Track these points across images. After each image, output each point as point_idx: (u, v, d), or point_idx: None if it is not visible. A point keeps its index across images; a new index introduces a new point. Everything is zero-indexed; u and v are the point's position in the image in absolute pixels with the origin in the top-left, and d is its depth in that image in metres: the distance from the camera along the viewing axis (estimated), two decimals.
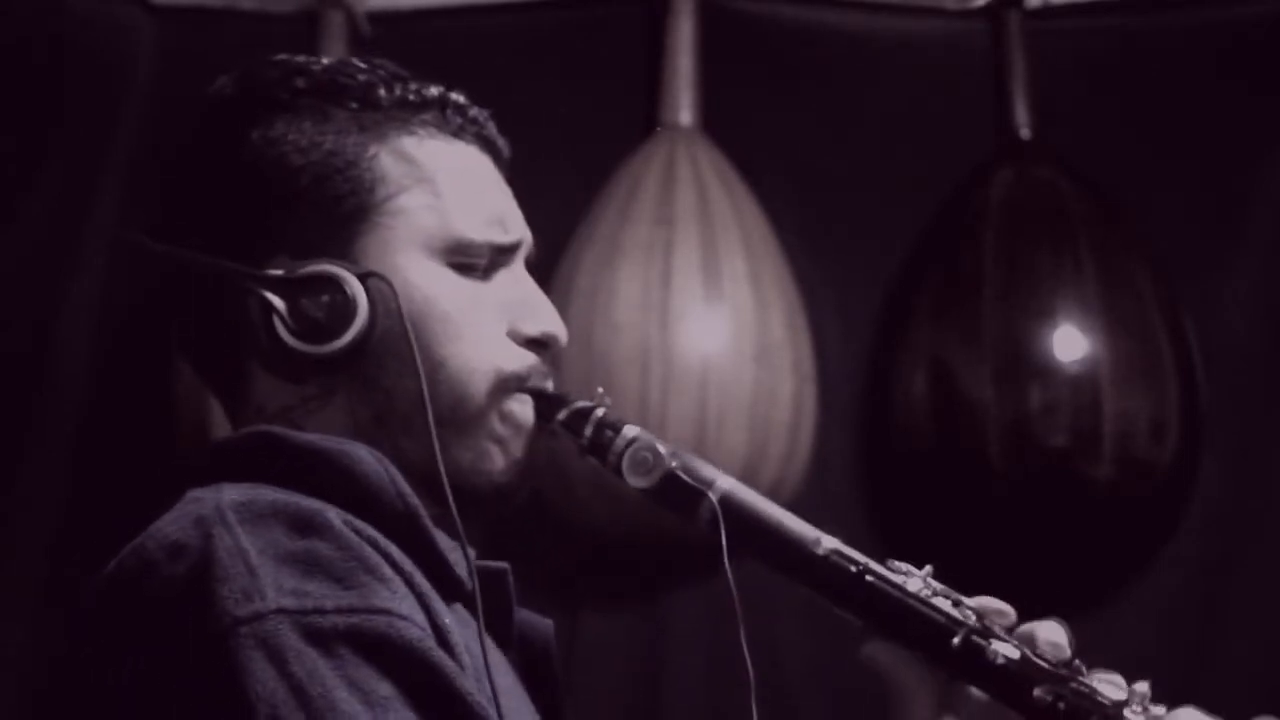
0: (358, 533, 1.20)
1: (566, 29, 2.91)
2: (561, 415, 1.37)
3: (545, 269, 2.73)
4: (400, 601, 1.17)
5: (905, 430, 2.79)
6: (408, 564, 1.21)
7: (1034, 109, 2.84)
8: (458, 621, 1.24)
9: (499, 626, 1.34)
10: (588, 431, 1.37)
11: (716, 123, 2.81)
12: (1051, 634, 1.28)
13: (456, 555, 1.29)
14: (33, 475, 2.77)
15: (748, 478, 2.73)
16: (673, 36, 2.82)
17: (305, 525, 1.19)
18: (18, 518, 2.77)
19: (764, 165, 2.83)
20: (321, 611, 1.14)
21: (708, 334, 2.66)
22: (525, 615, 1.41)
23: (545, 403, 1.38)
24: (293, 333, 1.31)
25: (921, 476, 2.79)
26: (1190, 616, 2.82)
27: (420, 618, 1.18)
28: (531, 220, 3.09)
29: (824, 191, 2.89)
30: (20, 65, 2.78)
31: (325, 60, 1.40)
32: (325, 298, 1.31)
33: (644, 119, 2.84)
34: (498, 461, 1.36)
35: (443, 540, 1.28)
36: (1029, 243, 2.77)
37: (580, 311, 2.67)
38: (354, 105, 1.37)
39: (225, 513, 1.19)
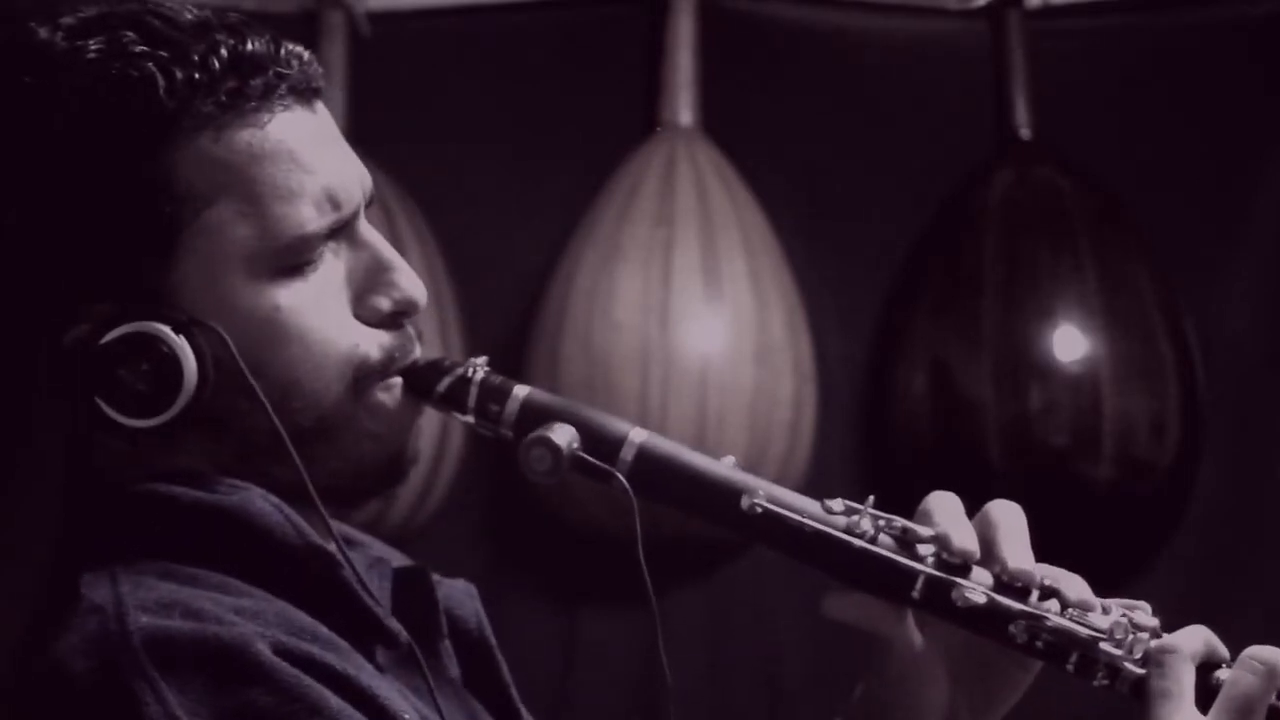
0: (290, 654, 1.08)
1: (566, 29, 2.91)
2: (441, 387, 1.23)
3: (545, 269, 2.76)
4: None
5: (905, 430, 2.79)
6: (351, 660, 1.12)
7: (1034, 109, 2.84)
8: (396, 661, 1.18)
9: (427, 625, 1.26)
10: (471, 403, 1.23)
11: (716, 123, 2.81)
12: (1020, 560, 1.21)
13: (372, 572, 1.21)
14: (31, 475, 2.77)
15: None
16: (673, 36, 2.82)
17: (234, 670, 1.07)
18: (16, 518, 2.77)
19: (764, 165, 2.83)
20: None
21: (708, 334, 2.66)
22: (446, 589, 1.31)
23: (418, 377, 1.23)
24: (117, 408, 1.16)
25: (921, 476, 2.79)
26: (1190, 616, 2.81)
27: None
28: (532, 220, 3.09)
29: (824, 192, 2.89)
30: (16, 65, 2.77)
31: (90, 44, 1.16)
32: (144, 365, 1.15)
33: (644, 119, 2.83)
34: (377, 457, 1.22)
35: (359, 565, 1.19)
36: (1029, 243, 2.77)
37: (580, 311, 2.67)
38: (134, 109, 1.15)
39: (139, 657, 1.07)
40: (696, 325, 2.66)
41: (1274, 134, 2.88)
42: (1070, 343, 2.69)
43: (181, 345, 1.16)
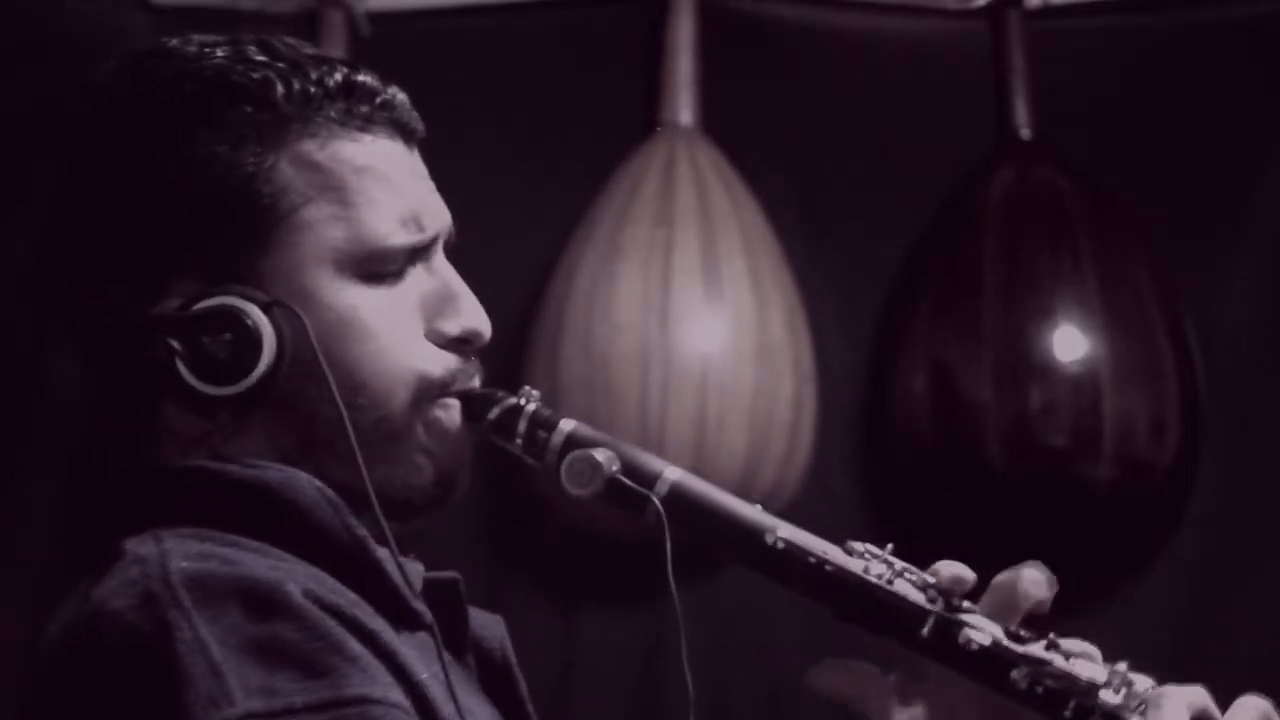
0: (319, 601, 1.13)
1: (566, 29, 2.91)
2: (492, 415, 1.30)
3: (545, 269, 2.76)
4: (373, 684, 1.11)
5: (905, 430, 2.79)
6: (376, 621, 1.16)
7: (1034, 109, 2.84)
8: (417, 646, 1.20)
9: (454, 637, 1.30)
10: (521, 429, 1.30)
11: (716, 123, 2.81)
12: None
13: (401, 577, 1.24)
14: (31, 475, 2.77)
15: (747, 478, 2.75)
16: (673, 36, 2.82)
17: (265, 605, 1.12)
18: (16, 518, 2.77)
19: (764, 165, 2.83)
20: (292, 711, 1.08)
21: (708, 334, 2.66)
22: (475, 615, 1.35)
23: (473, 403, 1.31)
24: (196, 374, 1.23)
25: (921, 476, 2.79)
26: (1190, 616, 2.82)
27: (396, 693, 1.12)
28: (532, 220, 3.10)
29: (824, 191, 2.89)
30: (19, 66, 2.78)
31: (218, 51, 1.29)
32: (227, 335, 1.23)
33: (644, 119, 2.84)
34: (428, 473, 1.29)
35: (390, 563, 1.23)
36: (1029, 243, 2.77)
37: (580, 311, 2.67)
38: (249, 109, 1.26)
39: (178, 592, 1.12)
40: (696, 325, 2.66)
41: (1274, 134, 2.88)
42: (1070, 343, 2.70)
43: (264, 322, 1.23)
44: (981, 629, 1.23)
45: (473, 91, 2.83)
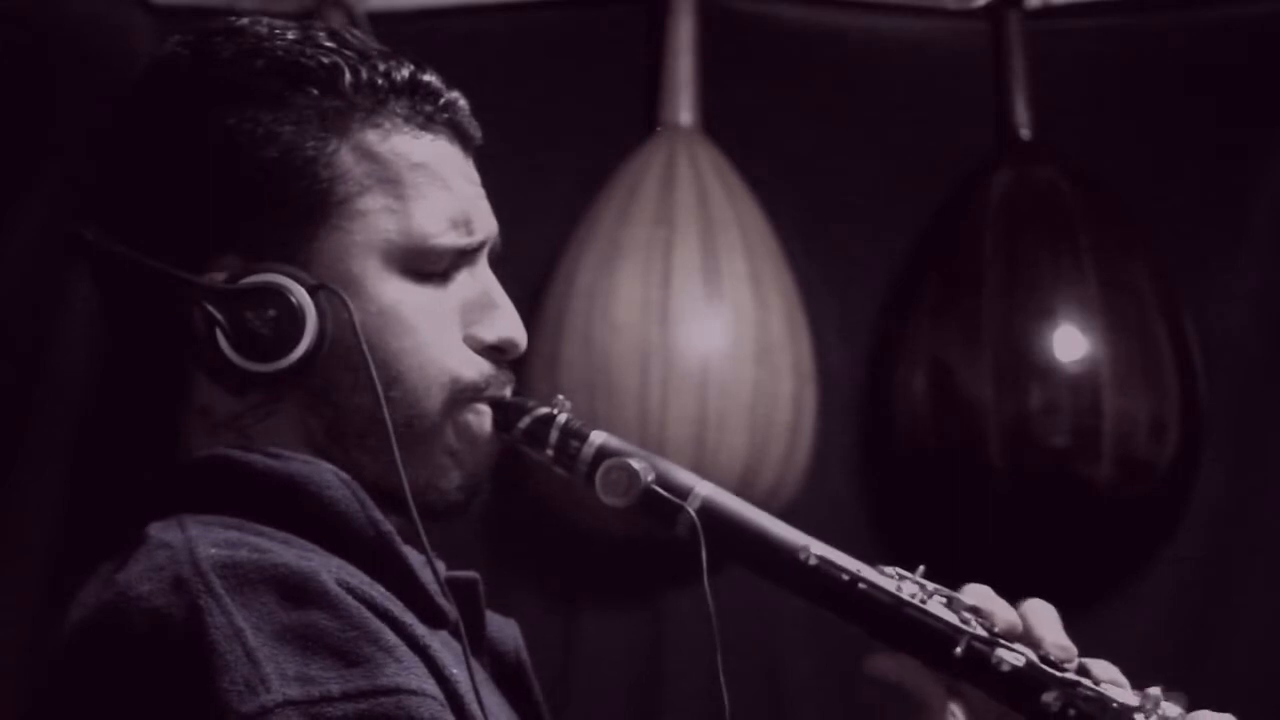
0: (353, 592, 1.13)
1: (566, 29, 2.91)
2: (523, 424, 1.31)
3: (545, 269, 2.76)
4: (409, 674, 1.11)
5: (905, 430, 2.79)
6: (406, 614, 1.16)
7: (1034, 109, 2.84)
8: (441, 643, 1.20)
9: (472, 637, 1.29)
10: (552, 439, 1.31)
11: (716, 123, 2.81)
12: (1059, 638, 1.26)
13: (428, 574, 1.24)
14: (32, 474, 2.77)
15: (747, 478, 2.74)
16: (673, 36, 2.82)
17: (299, 593, 1.12)
18: (16, 517, 2.77)
19: (764, 165, 2.83)
20: (329, 699, 1.08)
21: (708, 334, 2.66)
22: (489, 618, 1.36)
23: (504, 411, 1.32)
24: (235, 348, 1.23)
25: (921, 476, 2.79)
26: (1190, 616, 2.82)
27: (430, 684, 1.12)
28: (531, 220, 3.10)
29: (824, 191, 2.89)
30: (19, 65, 2.77)
31: (288, 33, 1.29)
32: (271, 312, 1.23)
33: (644, 119, 2.84)
34: (453, 477, 1.29)
35: (414, 559, 1.23)
36: (1029, 243, 2.77)
37: (580, 311, 2.67)
38: (315, 92, 1.26)
39: (209, 577, 1.12)
40: (696, 325, 2.66)
41: (1274, 134, 2.88)
42: (1070, 343, 2.69)
43: (309, 304, 1.23)
44: (1014, 650, 1.24)
45: (472, 92, 2.83)
